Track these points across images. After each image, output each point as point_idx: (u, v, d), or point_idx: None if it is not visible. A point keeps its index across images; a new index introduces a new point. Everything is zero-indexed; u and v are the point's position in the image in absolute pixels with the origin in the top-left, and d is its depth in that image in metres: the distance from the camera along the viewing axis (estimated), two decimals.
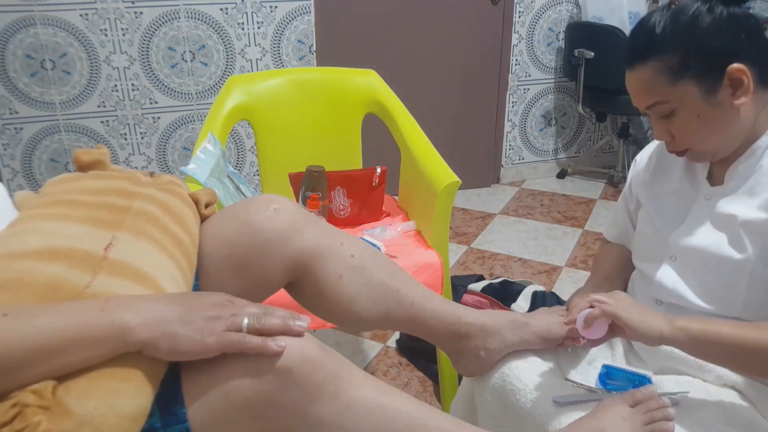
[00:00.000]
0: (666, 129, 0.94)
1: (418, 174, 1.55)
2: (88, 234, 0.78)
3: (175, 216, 0.88)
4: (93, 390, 0.64)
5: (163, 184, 0.93)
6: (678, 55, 0.88)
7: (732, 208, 0.93)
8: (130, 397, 0.66)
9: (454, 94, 3.17)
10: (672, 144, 0.96)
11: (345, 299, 0.97)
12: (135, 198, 0.86)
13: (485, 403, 1.01)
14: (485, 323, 1.00)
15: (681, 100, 0.89)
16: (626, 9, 2.92)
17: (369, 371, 1.86)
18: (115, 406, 0.64)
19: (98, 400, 0.64)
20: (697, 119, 0.90)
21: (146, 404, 0.67)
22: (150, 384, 0.68)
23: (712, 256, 0.94)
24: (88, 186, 0.88)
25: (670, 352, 0.98)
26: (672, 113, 0.91)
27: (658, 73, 0.89)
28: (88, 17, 2.55)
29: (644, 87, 0.92)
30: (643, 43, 0.91)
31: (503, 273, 2.45)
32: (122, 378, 0.66)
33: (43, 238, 0.75)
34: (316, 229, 0.97)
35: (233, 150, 2.95)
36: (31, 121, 2.64)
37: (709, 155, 0.95)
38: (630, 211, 1.17)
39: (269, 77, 1.82)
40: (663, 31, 0.89)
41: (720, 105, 0.89)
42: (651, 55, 0.89)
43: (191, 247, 0.88)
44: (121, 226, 0.81)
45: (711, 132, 0.91)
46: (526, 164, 3.48)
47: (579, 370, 1.02)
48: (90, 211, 0.81)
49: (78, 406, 0.62)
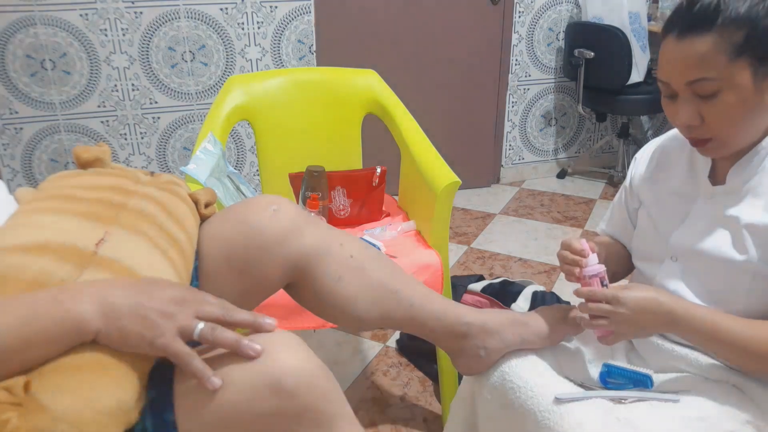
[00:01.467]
0: (698, 112, 0.88)
1: (418, 174, 1.55)
2: (81, 228, 0.77)
3: (172, 215, 0.88)
4: (68, 385, 0.62)
5: (162, 183, 0.93)
6: (742, 33, 0.83)
7: (735, 210, 0.92)
8: (109, 392, 0.64)
9: (454, 94, 3.17)
10: (697, 129, 0.90)
11: (344, 300, 0.97)
12: (132, 195, 0.86)
13: (485, 402, 1.01)
14: (485, 323, 1.00)
15: (731, 80, 0.85)
16: (626, 9, 2.91)
17: (369, 371, 1.87)
18: (92, 401, 0.62)
19: (74, 394, 0.62)
20: (740, 104, 0.86)
21: (127, 400, 0.65)
22: (131, 379, 0.66)
23: (714, 257, 0.93)
24: (86, 182, 0.87)
25: (671, 350, 0.99)
26: (714, 94, 0.86)
27: (717, 48, 0.84)
28: (88, 17, 2.55)
29: (696, 59, 0.85)
30: (706, 14, 0.85)
31: (503, 273, 2.45)
32: (100, 373, 0.65)
33: (35, 231, 0.75)
34: (316, 230, 0.97)
35: (233, 150, 2.95)
36: (31, 121, 2.64)
37: (728, 148, 0.91)
38: (630, 211, 1.15)
39: (269, 77, 1.82)
40: (728, 6, 0.84)
41: (764, 94, 0.86)
42: (712, 27, 0.84)
43: (188, 245, 0.88)
44: (115, 221, 0.80)
45: (745, 120, 0.87)
46: (526, 164, 3.48)
47: (579, 369, 1.02)
48: (85, 206, 0.81)
49: (52, 402, 0.61)
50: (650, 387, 0.96)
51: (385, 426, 1.64)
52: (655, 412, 0.89)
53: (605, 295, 0.92)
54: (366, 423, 1.65)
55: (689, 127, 0.90)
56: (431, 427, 1.64)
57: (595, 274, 0.96)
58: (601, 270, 0.96)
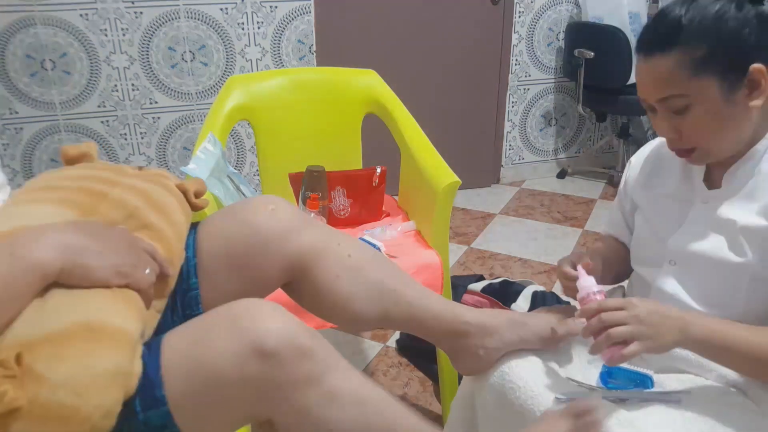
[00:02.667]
0: (674, 126, 0.91)
1: (418, 174, 1.55)
2: (57, 215, 0.77)
3: (156, 205, 0.87)
4: (62, 353, 0.63)
5: (149, 175, 0.93)
6: (703, 49, 0.85)
7: (731, 213, 0.92)
8: (104, 356, 0.65)
9: (454, 94, 3.17)
10: (677, 142, 0.93)
11: (343, 299, 0.97)
12: (115, 186, 0.85)
13: (485, 402, 1.01)
14: (484, 322, 1.00)
15: (699, 95, 0.86)
16: (626, 9, 2.92)
17: (369, 371, 1.87)
18: (88, 367, 0.63)
19: (69, 361, 0.63)
20: (712, 117, 0.87)
21: (124, 362, 0.66)
22: (125, 342, 0.67)
23: (712, 261, 0.93)
24: (69, 173, 0.87)
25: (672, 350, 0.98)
26: (686, 108, 0.88)
27: (681, 65, 0.86)
28: (88, 17, 2.55)
29: (663, 78, 0.88)
30: (667, 32, 0.87)
31: (503, 273, 2.45)
32: (92, 339, 0.65)
33: (10, 221, 0.75)
34: (314, 230, 0.97)
35: (233, 150, 2.95)
36: (31, 121, 2.64)
37: (712, 156, 0.93)
38: (625, 213, 1.16)
39: (269, 77, 1.82)
40: (690, 22, 0.85)
41: (735, 105, 0.87)
42: (675, 45, 0.86)
43: (174, 237, 0.87)
44: (94, 212, 0.80)
45: (722, 131, 0.89)
46: (526, 164, 3.48)
47: (579, 369, 1.01)
48: (65, 194, 0.81)
49: (48, 371, 0.61)
50: (651, 387, 0.96)
51: None
52: (657, 412, 0.88)
53: (617, 301, 0.88)
54: None
55: (670, 139, 0.94)
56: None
57: (598, 291, 0.92)
58: (601, 289, 0.93)
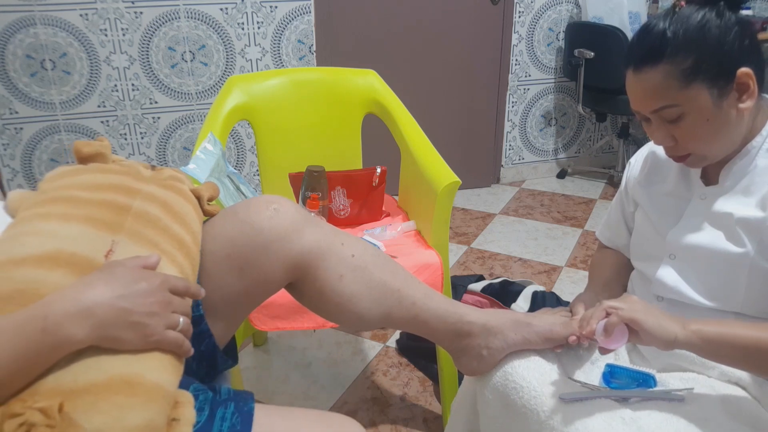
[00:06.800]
0: (669, 134, 0.93)
1: (418, 174, 1.55)
2: (88, 236, 0.77)
3: (177, 215, 0.88)
4: (99, 404, 0.65)
5: (164, 179, 0.93)
6: (691, 59, 0.87)
7: (727, 207, 0.95)
8: (137, 410, 0.67)
9: (454, 94, 3.17)
10: (674, 149, 0.96)
11: (346, 299, 0.97)
12: (136, 196, 0.86)
13: (487, 402, 1.01)
14: (487, 322, 1.00)
15: (691, 103, 0.89)
16: (626, 9, 2.92)
17: (369, 371, 1.87)
18: (122, 420, 0.65)
19: (105, 414, 0.65)
20: (705, 123, 0.90)
21: (154, 417, 0.68)
22: (159, 397, 0.69)
23: (711, 252, 0.95)
24: (88, 181, 0.87)
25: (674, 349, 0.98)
26: (679, 117, 0.90)
27: (670, 77, 0.88)
28: (88, 17, 2.55)
29: (653, 91, 0.90)
30: (654, 46, 0.89)
31: (503, 273, 2.45)
32: (129, 393, 0.67)
33: (43, 240, 0.75)
34: (316, 230, 0.96)
35: (233, 150, 2.95)
36: (31, 121, 2.63)
37: (709, 159, 0.95)
38: (626, 214, 1.18)
39: (269, 77, 1.82)
40: (674, 34, 0.88)
41: (727, 109, 0.89)
42: (662, 58, 0.88)
43: (193, 245, 0.88)
44: (121, 229, 0.80)
45: (716, 136, 0.91)
46: (526, 164, 3.48)
47: (582, 369, 1.01)
48: (90, 210, 0.81)
49: (85, 421, 0.63)
50: (654, 386, 0.96)
51: (385, 426, 1.64)
52: (660, 411, 0.88)
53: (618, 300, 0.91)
54: (366, 423, 1.65)
55: (666, 147, 0.96)
56: (431, 427, 1.64)
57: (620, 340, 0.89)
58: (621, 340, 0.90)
